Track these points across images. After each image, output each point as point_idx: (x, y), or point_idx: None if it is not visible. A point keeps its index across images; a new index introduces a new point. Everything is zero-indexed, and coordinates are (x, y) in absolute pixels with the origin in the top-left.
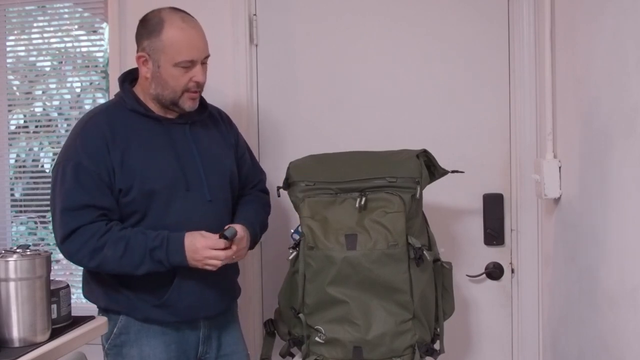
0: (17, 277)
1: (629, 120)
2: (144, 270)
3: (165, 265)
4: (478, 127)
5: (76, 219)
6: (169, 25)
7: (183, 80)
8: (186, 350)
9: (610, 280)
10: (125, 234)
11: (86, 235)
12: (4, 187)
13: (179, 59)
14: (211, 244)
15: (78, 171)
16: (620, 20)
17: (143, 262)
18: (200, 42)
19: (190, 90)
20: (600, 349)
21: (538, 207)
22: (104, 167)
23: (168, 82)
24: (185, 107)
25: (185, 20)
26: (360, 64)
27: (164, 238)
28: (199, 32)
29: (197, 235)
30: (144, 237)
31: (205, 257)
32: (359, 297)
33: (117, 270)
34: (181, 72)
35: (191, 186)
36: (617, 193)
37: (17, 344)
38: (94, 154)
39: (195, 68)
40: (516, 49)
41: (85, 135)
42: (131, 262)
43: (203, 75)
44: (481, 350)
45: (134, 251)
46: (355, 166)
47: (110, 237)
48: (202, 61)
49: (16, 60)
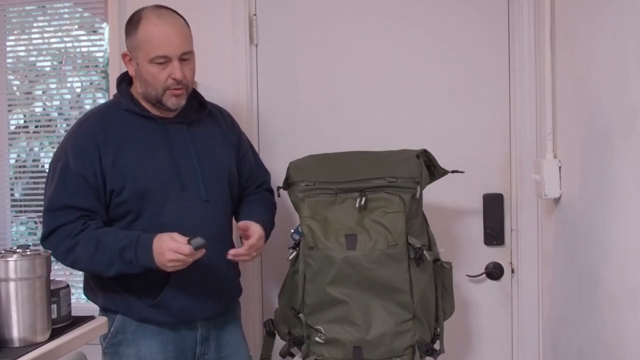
0: (17, 277)
1: (629, 120)
2: (115, 270)
3: (135, 265)
4: (478, 127)
5: (56, 219)
6: (144, 22)
7: (161, 77)
8: (184, 351)
9: (610, 280)
10: (97, 233)
11: (63, 234)
12: (4, 187)
13: (152, 55)
14: (176, 248)
15: (65, 172)
16: (620, 20)
17: (113, 262)
18: (174, 38)
19: (171, 87)
20: (600, 349)
21: (538, 207)
22: (91, 169)
23: (148, 80)
24: (169, 104)
25: (162, 16)
26: (360, 64)
27: (133, 238)
28: (174, 28)
29: (165, 237)
30: (115, 236)
31: (171, 260)
32: (359, 297)
33: (90, 269)
34: (158, 69)
35: (187, 186)
36: (617, 193)
37: (17, 344)
38: (81, 155)
39: (172, 64)
40: (516, 49)
41: (76, 136)
42: (101, 261)
43: (180, 72)
44: (481, 350)
45: (104, 250)
46: (355, 166)
47: (83, 236)
48: (181, 57)
49: (16, 60)
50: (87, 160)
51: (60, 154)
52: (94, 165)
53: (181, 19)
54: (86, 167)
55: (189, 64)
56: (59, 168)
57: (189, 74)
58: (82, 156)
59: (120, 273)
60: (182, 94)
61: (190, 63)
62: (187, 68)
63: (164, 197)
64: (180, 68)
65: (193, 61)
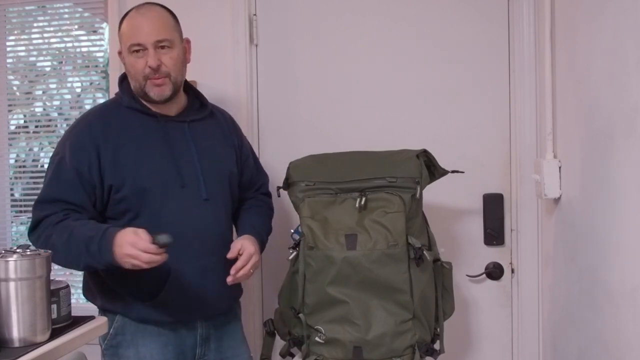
0: (17, 277)
1: (629, 120)
2: (83, 263)
3: (97, 258)
4: (478, 127)
5: (43, 211)
6: (126, 17)
7: (138, 66)
8: (183, 351)
9: (610, 280)
10: (74, 223)
11: (45, 225)
12: (4, 187)
13: (128, 44)
14: (138, 243)
15: (60, 166)
16: (620, 20)
17: (80, 254)
18: (147, 26)
19: (150, 77)
20: (600, 349)
21: (538, 207)
22: (86, 164)
23: (130, 71)
24: (151, 95)
25: (140, 9)
26: (360, 64)
27: (101, 229)
28: (149, 17)
29: (129, 231)
30: (87, 226)
31: (126, 255)
32: (359, 297)
33: (64, 262)
34: (135, 58)
35: (187, 184)
36: (617, 193)
37: (17, 344)
38: (78, 150)
39: (147, 52)
40: (516, 49)
41: (75, 132)
42: (71, 252)
43: (154, 60)
44: (481, 350)
45: (75, 240)
46: (355, 166)
47: (59, 226)
48: (158, 45)
49: (16, 60)
50: (83, 156)
51: (59, 149)
52: (90, 161)
53: (161, 10)
54: (82, 162)
55: (169, 53)
56: (56, 162)
57: (169, 62)
58: (79, 151)
59: (89, 268)
60: (164, 84)
61: (171, 52)
62: (167, 57)
63: (164, 195)
64: (154, 56)
65: (175, 50)
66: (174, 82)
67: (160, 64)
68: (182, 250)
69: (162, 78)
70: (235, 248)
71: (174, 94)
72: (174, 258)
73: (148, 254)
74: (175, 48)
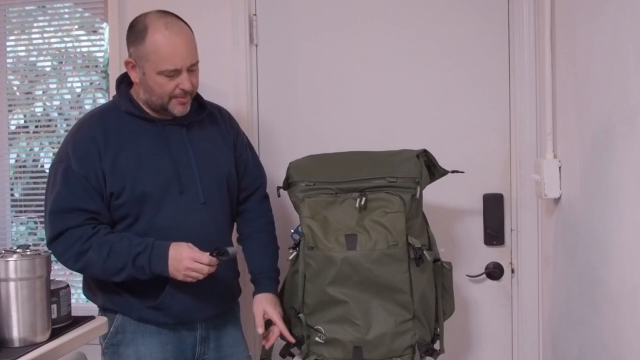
0: (17, 277)
1: (629, 120)
2: (125, 276)
3: (146, 272)
4: (478, 127)
5: (64, 221)
6: (152, 32)
7: (168, 88)
8: (183, 351)
9: (610, 280)
10: (110, 238)
11: (73, 238)
12: (4, 187)
13: (162, 68)
14: (197, 257)
15: (67, 175)
16: (620, 20)
17: (125, 267)
18: (183, 50)
19: (178, 96)
20: (600, 349)
21: (538, 207)
22: (93, 171)
23: (154, 89)
24: (175, 112)
25: (169, 26)
26: (361, 64)
27: (148, 244)
28: (184, 39)
29: (183, 245)
30: (129, 242)
31: (187, 268)
32: (359, 297)
33: (100, 274)
34: (166, 80)
35: (185, 188)
36: (617, 193)
37: (17, 344)
38: (83, 157)
39: (181, 76)
40: (516, 49)
41: (77, 139)
42: (114, 266)
43: (189, 83)
44: (481, 350)
45: (117, 255)
46: (355, 166)
47: (95, 241)
48: (189, 68)
49: (16, 60)
50: (89, 163)
51: (61, 157)
52: (95, 168)
53: (187, 28)
54: (88, 170)
55: (195, 73)
56: (61, 170)
57: (195, 82)
58: (84, 159)
59: (129, 279)
60: (188, 102)
61: (197, 72)
62: (194, 78)
63: (162, 200)
64: (188, 79)
65: (198, 70)
66: (192, 97)
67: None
68: None
69: (188, 97)
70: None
71: None
72: None
73: (209, 267)
74: (198, 67)
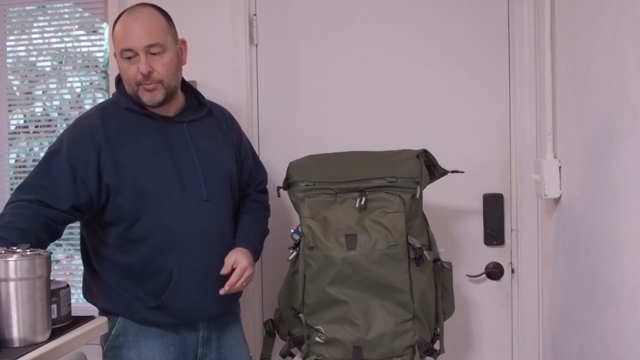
0: (17, 277)
1: (629, 120)
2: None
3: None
4: (478, 127)
5: (17, 195)
6: (119, 19)
7: (131, 72)
8: (185, 352)
9: (610, 280)
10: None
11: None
12: (4, 187)
13: (119, 48)
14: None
15: (53, 157)
16: (620, 20)
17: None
18: (138, 31)
19: (142, 83)
20: (600, 349)
21: (538, 207)
22: (83, 162)
23: (123, 76)
24: (143, 100)
25: (131, 11)
26: (360, 64)
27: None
28: (139, 21)
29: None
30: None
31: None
32: (359, 297)
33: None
34: (127, 63)
35: (187, 185)
36: (617, 193)
37: (17, 344)
38: (77, 147)
39: (138, 58)
40: (516, 49)
41: (76, 130)
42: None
43: (145, 66)
44: (481, 350)
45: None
46: (355, 166)
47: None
48: (149, 51)
49: (16, 60)
50: (82, 154)
51: (56, 144)
52: (88, 160)
53: (153, 12)
54: (79, 159)
55: (161, 58)
56: (49, 152)
57: (160, 68)
58: (77, 149)
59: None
60: (155, 89)
61: (162, 57)
62: (158, 62)
63: (165, 198)
64: (145, 62)
65: (167, 55)
66: (167, 87)
67: (152, 70)
68: (184, 253)
69: (154, 84)
70: (228, 263)
71: (168, 97)
72: (176, 260)
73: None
74: (167, 52)
